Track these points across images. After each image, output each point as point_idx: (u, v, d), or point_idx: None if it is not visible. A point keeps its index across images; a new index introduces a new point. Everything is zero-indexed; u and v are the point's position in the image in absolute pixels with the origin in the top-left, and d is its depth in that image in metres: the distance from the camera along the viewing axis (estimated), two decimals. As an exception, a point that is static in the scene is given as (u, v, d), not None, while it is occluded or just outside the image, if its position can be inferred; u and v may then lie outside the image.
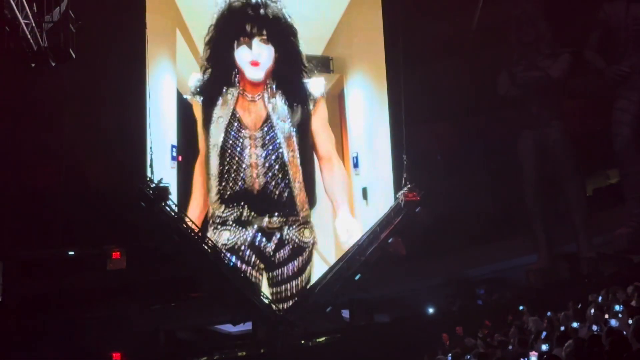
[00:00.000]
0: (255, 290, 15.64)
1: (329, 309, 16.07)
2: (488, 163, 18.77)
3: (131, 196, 15.00)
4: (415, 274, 17.80)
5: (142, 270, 16.35)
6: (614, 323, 9.08)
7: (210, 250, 15.37)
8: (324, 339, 16.98)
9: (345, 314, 17.43)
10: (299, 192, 16.35)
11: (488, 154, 18.68)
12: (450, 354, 11.57)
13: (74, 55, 10.13)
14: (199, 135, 16.39)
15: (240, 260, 15.86)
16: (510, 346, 10.23)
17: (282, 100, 16.46)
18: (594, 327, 9.43)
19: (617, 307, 10.01)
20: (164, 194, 14.78)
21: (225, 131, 16.11)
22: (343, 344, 16.53)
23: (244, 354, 16.85)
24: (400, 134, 16.51)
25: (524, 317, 13.27)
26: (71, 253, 16.77)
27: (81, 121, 16.23)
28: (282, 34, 16.43)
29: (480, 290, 18.35)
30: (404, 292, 18.29)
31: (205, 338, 18.47)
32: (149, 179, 14.85)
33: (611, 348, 6.54)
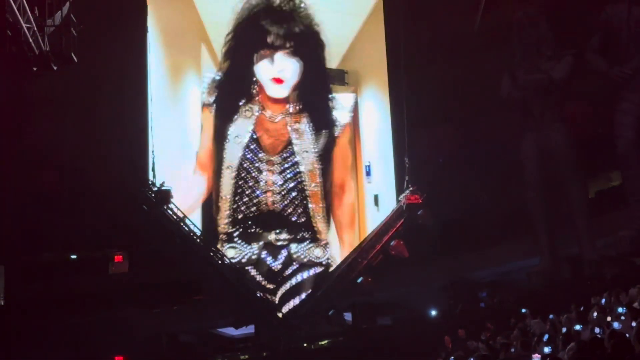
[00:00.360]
0: (257, 293, 15.63)
1: (331, 312, 16.07)
2: (490, 166, 18.74)
3: (133, 200, 15.02)
4: (418, 277, 17.78)
5: (145, 273, 16.33)
6: (617, 325, 9.08)
7: (212, 254, 15.37)
8: (326, 341, 16.99)
9: (348, 316, 17.42)
10: (319, 222, 15.96)
11: (490, 156, 18.64)
12: (452, 356, 11.58)
13: (75, 59, 10.11)
14: (203, 141, 16.11)
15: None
16: (513, 349, 10.19)
17: (308, 126, 15.74)
18: (597, 330, 9.41)
19: (620, 310, 10.01)
20: (166, 197, 14.79)
21: (242, 153, 15.46)
22: (345, 346, 16.52)
23: (247, 357, 16.85)
24: (403, 138, 16.50)
25: (527, 320, 13.25)
26: (73, 257, 16.80)
27: (83, 125, 16.24)
28: (310, 47, 15.42)
29: (482, 293, 18.31)
30: (407, 295, 18.26)
31: (208, 341, 18.44)
32: (151, 183, 14.85)
33: (614, 350, 6.52)
